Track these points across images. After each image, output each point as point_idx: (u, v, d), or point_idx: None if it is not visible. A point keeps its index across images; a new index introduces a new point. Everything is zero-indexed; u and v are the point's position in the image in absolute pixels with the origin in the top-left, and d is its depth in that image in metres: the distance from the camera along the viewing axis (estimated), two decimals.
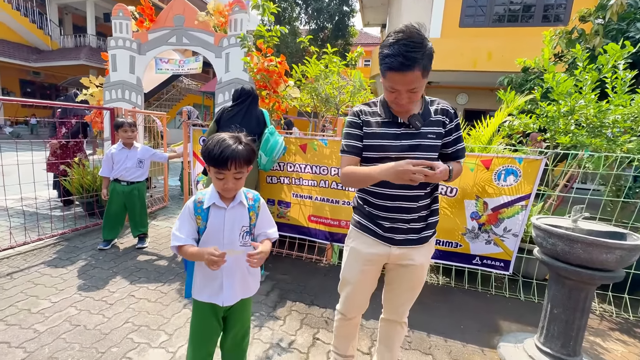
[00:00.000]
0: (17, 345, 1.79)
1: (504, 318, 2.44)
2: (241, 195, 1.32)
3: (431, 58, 1.14)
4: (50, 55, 16.13)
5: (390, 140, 1.28)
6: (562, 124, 2.84)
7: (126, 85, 4.07)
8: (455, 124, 1.34)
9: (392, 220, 1.33)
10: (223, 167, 1.18)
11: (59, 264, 2.78)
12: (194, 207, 1.27)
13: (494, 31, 8.96)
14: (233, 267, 1.31)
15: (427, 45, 1.11)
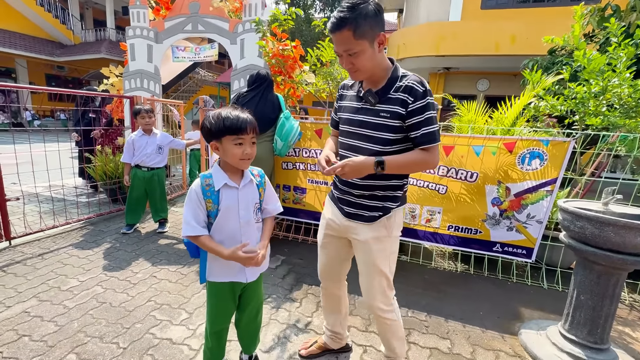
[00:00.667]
0: (49, 319, 1.89)
1: (525, 306, 2.37)
2: (249, 173, 1.31)
3: (367, 18, 1.10)
4: (73, 50, 16.62)
5: (351, 114, 1.34)
6: (592, 105, 2.68)
7: (144, 74, 4.14)
8: (421, 105, 1.16)
9: (342, 191, 1.39)
10: (242, 132, 1.17)
11: (86, 246, 2.91)
12: (202, 191, 1.23)
13: (519, 12, 8.52)
14: (252, 245, 1.31)
15: (361, 6, 1.09)
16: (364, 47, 1.14)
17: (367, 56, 1.16)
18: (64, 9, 17.00)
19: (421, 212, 2.89)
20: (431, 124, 1.19)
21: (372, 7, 1.11)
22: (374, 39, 1.14)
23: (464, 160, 2.68)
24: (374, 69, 1.22)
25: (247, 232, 1.30)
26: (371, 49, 1.16)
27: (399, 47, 9.42)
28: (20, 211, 3.46)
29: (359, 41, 1.12)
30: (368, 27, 1.11)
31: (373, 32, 1.13)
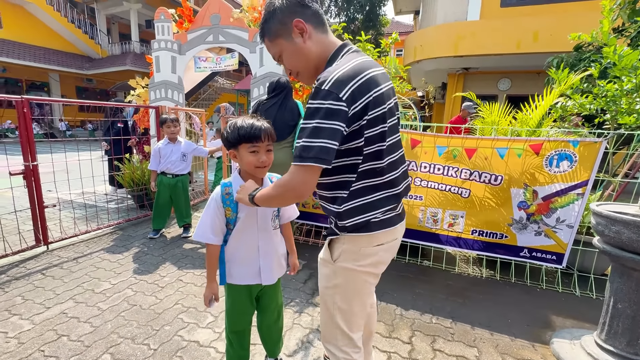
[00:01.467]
0: (85, 320, 1.99)
1: (556, 313, 2.27)
2: (267, 180, 1.34)
3: (273, 16, 1.00)
4: (101, 63, 17.51)
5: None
6: (625, 103, 2.56)
7: (169, 85, 4.31)
8: (307, 110, 0.91)
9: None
10: (257, 139, 1.19)
11: (116, 251, 3.04)
12: (222, 199, 1.27)
13: (541, 9, 8.26)
14: (269, 250, 1.36)
15: (267, 9, 1.01)
16: (281, 45, 1.02)
17: (289, 53, 1.03)
18: (92, 25, 17.97)
19: (443, 216, 2.84)
20: (302, 136, 0.90)
21: (278, 5, 0.99)
22: (289, 31, 0.99)
23: (487, 162, 2.62)
24: (309, 64, 1.04)
25: (265, 239, 1.34)
26: (290, 44, 1.01)
27: (415, 49, 9.35)
28: (57, 217, 3.66)
29: (276, 41, 1.03)
30: (277, 23, 1.00)
31: (284, 24, 0.99)
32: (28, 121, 2.78)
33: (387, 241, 1.09)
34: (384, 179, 1.04)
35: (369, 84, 0.93)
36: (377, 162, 1.01)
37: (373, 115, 0.94)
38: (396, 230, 1.11)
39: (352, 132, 0.94)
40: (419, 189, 2.87)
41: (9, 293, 2.25)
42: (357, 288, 1.09)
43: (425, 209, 2.89)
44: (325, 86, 0.88)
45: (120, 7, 17.27)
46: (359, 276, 1.08)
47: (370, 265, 1.07)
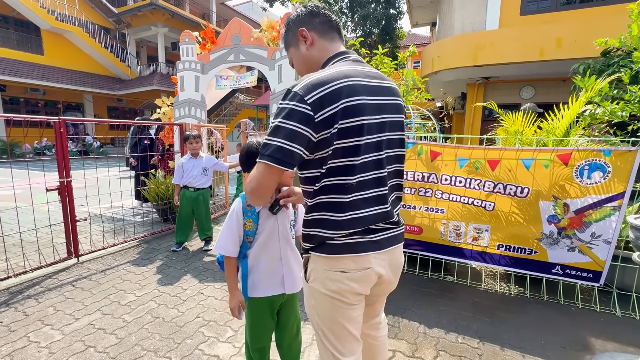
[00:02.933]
0: (111, 332, 2.04)
1: (595, 335, 2.11)
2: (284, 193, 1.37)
3: (286, 32, 1.10)
4: (130, 84, 18.56)
5: None
6: None
7: (192, 103, 4.49)
8: (278, 107, 0.93)
9: None
10: None
11: (141, 263, 3.13)
12: (243, 211, 1.31)
13: (564, 15, 8.08)
14: (290, 258, 1.39)
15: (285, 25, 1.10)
16: (292, 52, 1.11)
17: (297, 60, 1.11)
18: (123, 49, 19.20)
19: (467, 230, 2.74)
20: (269, 134, 0.90)
21: (294, 14, 1.08)
22: (296, 40, 1.07)
23: (512, 174, 2.52)
24: (311, 70, 1.04)
25: (286, 247, 1.37)
26: (297, 51, 1.08)
27: (433, 60, 9.33)
28: (87, 230, 3.84)
29: (288, 51, 1.13)
30: (290, 34, 1.09)
31: (294, 34, 1.07)
32: (64, 140, 2.97)
33: (353, 269, 0.96)
34: (352, 197, 0.94)
35: (340, 92, 0.88)
36: (345, 178, 0.93)
37: (344, 125, 0.89)
38: (366, 259, 0.97)
39: (321, 141, 0.90)
40: (440, 201, 2.80)
41: (42, 304, 2.36)
42: (332, 312, 1.00)
43: (447, 222, 2.80)
44: (294, 88, 0.89)
45: (149, 32, 18.38)
46: (328, 300, 0.99)
47: (336, 292, 0.97)
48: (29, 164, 3.11)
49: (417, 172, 2.81)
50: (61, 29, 16.15)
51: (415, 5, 13.82)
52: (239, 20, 4.29)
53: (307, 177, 0.99)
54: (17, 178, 6.74)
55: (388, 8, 16.21)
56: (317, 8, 1.05)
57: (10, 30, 15.81)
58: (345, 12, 17.51)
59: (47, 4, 15.84)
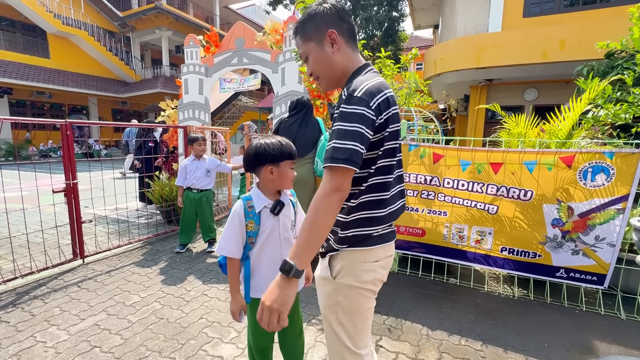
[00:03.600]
0: (116, 332, 2.06)
1: (599, 338, 2.10)
2: (286, 194, 1.41)
3: (314, 18, 1.04)
4: (134, 87, 18.72)
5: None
6: None
7: (196, 106, 4.54)
8: (337, 113, 0.97)
9: None
10: (294, 157, 1.35)
11: (145, 265, 3.16)
12: (244, 212, 1.31)
13: (567, 17, 8.07)
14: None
15: (312, 10, 1.05)
16: (311, 48, 1.06)
17: (316, 58, 1.07)
18: (128, 52, 19.38)
19: (469, 233, 2.74)
20: (333, 139, 0.92)
21: (322, 7, 1.04)
22: (321, 38, 1.04)
23: (515, 177, 2.52)
24: (332, 74, 1.08)
25: (287, 248, 1.38)
26: (320, 49, 1.05)
27: (436, 63, 9.34)
28: (92, 232, 3.88)
29: (307, 43, 1.07)
30: (313, 27, 1.04)
31: (319, 30, 1.03)
32: (70, 142, 3.01)
33: (383, 257, 1.09)
34: (390, 193, 1.06)
35: (389, 101, 0.99)
36: (387, 177, 1.04)
37: (392, 129, 1.01)
38: (391, 246, 1.13)
39: (374, 142, 0.98)
40: (443, 204, 2.80)
41: (48, 304, 2.39)
42: (359, 305, 1.06)
43: (450, 225, 2.80)
44: (357, 94, 0.93)
45: (153, 35, 18.56)
46: (359, 292, 1.05)
47: (370, 282, 1.06)
48: (35, 165, 3.15)
49: (419, 175, 2.82)
50: (67, 33, 16.34)
51: (417, 8, 13.86)
52: (242, 23, 4.34)
53: (354, 178, 0.98)
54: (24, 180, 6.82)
55: (390, 11, 16.25)
56: (346, 14, 1.07)
57: (17, 34, 16.02)
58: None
59: (54, 8, 16.05)
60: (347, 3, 17.37)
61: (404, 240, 2.98)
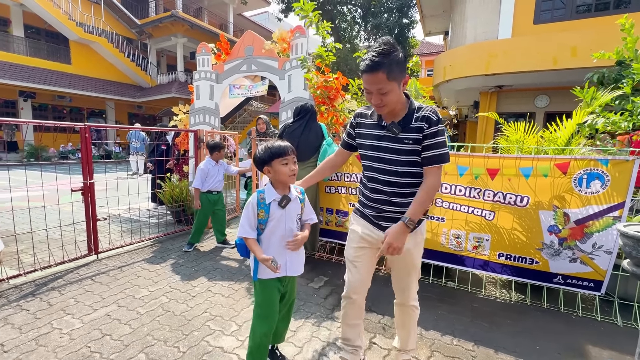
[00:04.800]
0: (125, 322, 2.20)
1: (593, 343, 2.12)
2: (294, 191, 1.63)
3: (399, 64, 1.33)
4: (150, 91, 19.32)
5: (375, 141, 1.52)
6: None
7: (207, 111, 4.73)
8: (433, 130, 1.38)
9: (377, 209, 1.56)
10: (285, 154, 1.53)
11: (154, 261, 3.31)
12: (257, 203, 1.55)
13: (579, 24, 8.00)
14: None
15: (393, 53, 1.31)
16: (394, 87, 1.36)
17: (394, 94, 1.38)
18: (144, 58, 20.07)
19: (467, 239, 2.78)
20: (442, 147, 1.40)
21: (402, 55, 1.34)
22: (401, 81, 1.38)
23: (512, 183, 2.57)
24: (396, 105, 1.43)
25: (290, 237, 1.58)
26: (398, 89, 1.39)
27: (445, 69, 9.35)
28: (106, 230, 4.07)
29: (391, 82, 1.34)
30: (398, 71, 1.34)
31: (402, 75, 1.37)
32: (88, 145, 3.21)
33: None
34: None
35: None
36: None
37: None
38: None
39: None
40: (440, 210, 2.86)
41: (64, 295, 2.55)
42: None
43: (447, 230, 2.86)
44: (439, 116, 1.41)
45: (169, 42, 19.18)
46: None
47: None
48: (56, 166, 3.35)
49: None
50: (88, 40, 17.06)
51: (428, 15, 13.89)
52: (252, 32, 4.52)
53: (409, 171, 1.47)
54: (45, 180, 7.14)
55: (401, 17, 16.36)
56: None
57: (41, 41, 16.82)
58: (358, 22, 17.81)
59: (76, 17, 16.79)
60: (358, 10, 17.60)
61: None
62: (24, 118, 15.75)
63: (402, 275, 1.65)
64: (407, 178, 1.47)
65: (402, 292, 1.68)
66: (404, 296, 1.68)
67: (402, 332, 1.76)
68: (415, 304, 1.69)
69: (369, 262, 1.66)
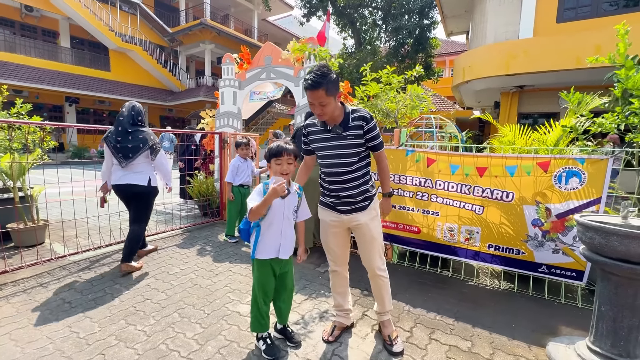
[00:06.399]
0: (162, 291, 2.68)
1: (567, 325, 2.34)
2: (293, 186, 1.92)
3: (334, 83, 1.72)
4: (180, 95, 20.54)
5: (325, 142, 1.89)
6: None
7: (230, 115, 5.23)
8: (371, 126, 1.82)
9: (335, 197, 1.93)
10: (280, 155, 1.82)
11: (184, 247, 3.82)
12: (263, 189, 1.81)
13: (604, 21, 7.84)
14: (286, 231, 1.90)
15: (329, 75, 1.70)
16: (331, 100, 1.75)
17: (332, 106, 1.77)
18: (175, 64, 21.35)
19: (459, 232, 3.04)
20: (379, 137, 1.88)
21: (335, 76, 1.75)
22: (336, 96, 1.78)
23: (498, 180, 2.81)
24: (334, 112, 1.82)
25: (286, 226, 1.89)
26: (335, 102, 1.78)
27: (464, 70, 9.37)
28: None
29: (329, 97, 1.73)
30: (334, 88, 1.74)
31: (336, 91, 1.77)
32: None
33: None
34: None
35: None
36: None
37: None
38: None
39: None
40: (436, 205, 3.13)
41: (112, 269, 3.10)
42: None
43: (442, 224, 3.12)
44: (370, 114, 1.85)
45: (198, 48, 20.30)
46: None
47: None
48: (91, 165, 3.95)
49: (415, 178, 3.18)
50: (125, 49, 18.46)
51: (449, 15, 13.83)
52: (270, 43, 4.98)
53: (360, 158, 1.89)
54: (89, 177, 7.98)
55: (421, 19, 16.33)
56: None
57: (85, 51, 18.39)
58: (379, 24, 17.96)
59: (115, 27, 18.22)
60: (379, 13, 17.75)
61: (402, 236, 3.34)
62: (69, 122, 17.32)
63: (366, 247, 1.97)
64: (353, 166, 1.85)
65: (368, 263, 2.00)
66: (370, 267, 2.00)
67: (377, 298, 2.10)
68: (382, 274, 2.02)
69: (341, 241, 2.05)
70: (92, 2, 17.17)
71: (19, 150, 3.66)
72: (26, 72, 14.84)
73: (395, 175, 3.29)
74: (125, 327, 2.18)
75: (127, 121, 3.03)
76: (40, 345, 1.98)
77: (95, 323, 2.22)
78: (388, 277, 2.06)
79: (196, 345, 2.01)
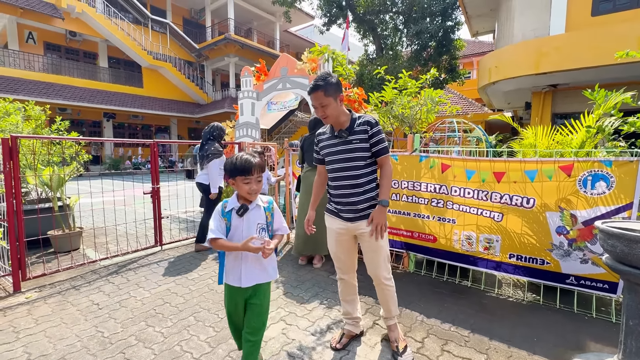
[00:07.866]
0: (180, 295, 2.80)
1: (597, 341, 2.17)
2: (258, 199, 1.66)
3: (332, 85, 1.82)
4: (206, 107, 21.45)
5: (332, 148, 1.94)
6: None
7: (249, 125, 5.41)
8: (375, 130, 1.86)
9: (340, 203, 1.94)
10: (248, 173, 1.56)
11: (204, 253, 3.97)
12: (221, 211, 1.61)
13: None
14: (248, 257, 1.61)
15: (328, 79, 1.83)
16: (330, 101, 1.83)
17: (333, 107, 1.85)
18: (201, 78, 22.38)
19: (477, 240, 2.91)
20: (384, 142, 1.90)
21: (335, 80, 1.86)
22: (336, 97, 1.85)
23: (518, 186, 2.68)
24: (338, 116, 1.89)
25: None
26: (335, 103, 1.85)
27: (490, 71, 9.01)
28: (169, 227, 4.89)
29: (328, 98, 1.82)
30: (332, 90, 1.83)
31: (336, 93, 1.84)
32: (156, 157, 4.00)
33: None
34: None
35: None
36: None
37: None
38: None
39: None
40: (452, 212, 3.02)
41: (137, 274, 3.27)
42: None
43: (459, 232, 3.00)
44: (376, 120, 1.90)
45: (222, 62, 21.17)
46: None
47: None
48: (127, 176, 4.21)
49: (429, 184, 3.10)
50: (156, 65, 19.63)
51: (473, 15, 13.46)
52: (286, 55, 5.11)
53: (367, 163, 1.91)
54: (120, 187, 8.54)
55: (444, 21, 15.99)
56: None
57: (120, 69, 19.78)
58: (400, 29, 17.80)
59: (147, 46, 19.46)
60: (400, 17, 17.61)
61: (418, 245, 3.25)
62: (106, 136, 18.60)
63: (371, 256, 1.96)
64: (358, 171, 1.88)
65: (374, 272, 1.99)
66: (376, 276, 1.99)
67: (383, 304, 2.08)
68: (387, 282, 2.00)
69: (348, 248, 2.05)
70: (127, 24, 18.49)
71: (58, 164, 3.99)
72: (70, 91, 16.18)
73: (410, 182, 3.23)
74: (145, 329, 2.29)
75: (204, 136, 3.90)
76: (69, 343, 2.13)
77: (118, 324, 2.36)
78: (394, 285, 2.04)
79: (208, 348, 2.07)
